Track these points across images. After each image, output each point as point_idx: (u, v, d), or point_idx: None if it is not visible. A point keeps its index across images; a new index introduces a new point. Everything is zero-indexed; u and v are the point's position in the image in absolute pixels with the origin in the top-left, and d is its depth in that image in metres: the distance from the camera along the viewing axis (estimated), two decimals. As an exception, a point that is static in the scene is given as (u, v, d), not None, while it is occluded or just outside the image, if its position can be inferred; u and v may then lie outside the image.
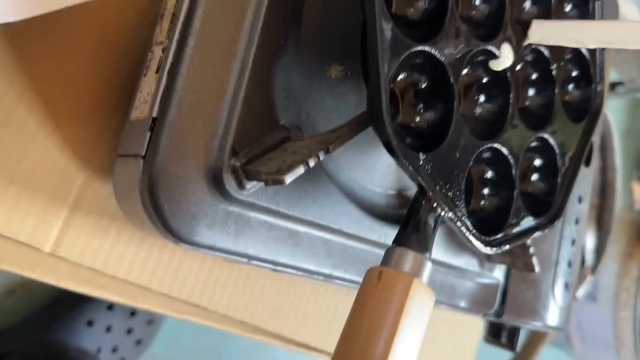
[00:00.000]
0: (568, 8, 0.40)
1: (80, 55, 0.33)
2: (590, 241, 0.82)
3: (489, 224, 0.34)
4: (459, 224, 0.30)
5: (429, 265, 0.28)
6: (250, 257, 0.33)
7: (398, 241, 0.29)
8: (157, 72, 0.31)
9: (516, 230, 0.35)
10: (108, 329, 0.77)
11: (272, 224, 0.33)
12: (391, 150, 0.28)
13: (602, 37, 0.31)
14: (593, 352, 1.15)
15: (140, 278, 0.36)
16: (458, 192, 0.31)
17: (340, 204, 0.36)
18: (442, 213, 0.30)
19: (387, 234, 0.38)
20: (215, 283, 0.40)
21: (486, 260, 0.44)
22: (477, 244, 0.31)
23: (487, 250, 0.32)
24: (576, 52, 0.39)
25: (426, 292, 0.27)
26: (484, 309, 0.45)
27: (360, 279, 0.28)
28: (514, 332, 0.50)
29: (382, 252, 0.29)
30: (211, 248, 0.31)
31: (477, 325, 0.61)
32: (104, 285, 0.35)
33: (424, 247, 0.29)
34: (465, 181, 0.32)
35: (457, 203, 0.31)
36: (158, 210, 0.29)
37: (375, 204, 0.39)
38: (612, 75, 1.28)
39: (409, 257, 0.28)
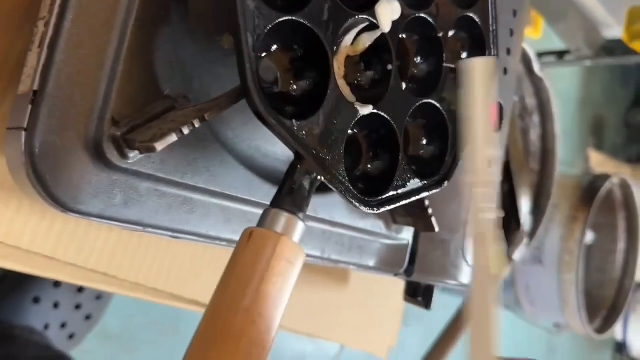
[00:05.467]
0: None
1: (-31, 31, 0.34)
2: (526, 204, 0.85)
3: (375, 186, 0.36)
4: (335, 185, 0.32)
5: (300, 225, 0.30)
6: (144, 225, 0.34)
7: (273, 203, 0.30)
8: (39, 46, 0.31)
9: (401, 191, 0.36)
10: (55, 305, 0.78)
11: (163, 192, 0.34)
12: (261, 119, 0.30)
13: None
14: (541, 313, 1.19)
15: (44, 248, 0.37)
16: (337, 156, 0.33)
17: (235, 170, 0.37)
18: (318, 177, 0.31)
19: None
20: (124, 252, 0.41)
21: (392, 222, 0.46)
22: (356, 204, 0.33)
23: (367, 210, 0.34)
24: (466, 18, 0.40)
25: (294, 250, 0.29)
26: (393, 268, 0.47)
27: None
28: (429, 291, 0.52)
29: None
30: (100, 217, 0.32)
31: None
32: (7, 256, 0.36)
33: (298, 208, 0.30)
34: (344, 145, 0.33)
35: (336, 166, 0.32)
36: (41, 181, 0.30)
37: (277, 170, 0.41)
38: (559, 44, 1.30)
39: (281, 218, 0.29)
